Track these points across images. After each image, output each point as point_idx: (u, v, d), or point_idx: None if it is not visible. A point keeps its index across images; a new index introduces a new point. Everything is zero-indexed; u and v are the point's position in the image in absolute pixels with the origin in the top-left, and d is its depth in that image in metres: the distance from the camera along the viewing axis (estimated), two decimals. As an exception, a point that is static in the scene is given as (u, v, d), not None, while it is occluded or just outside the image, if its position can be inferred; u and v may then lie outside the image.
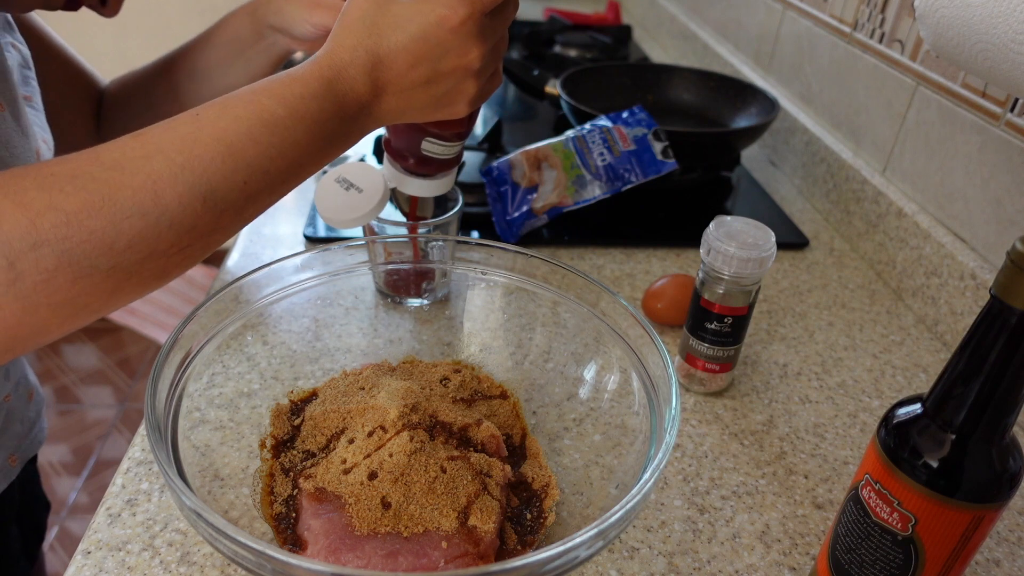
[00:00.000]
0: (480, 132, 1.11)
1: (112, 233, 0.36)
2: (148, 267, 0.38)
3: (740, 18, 1.26)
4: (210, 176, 0.39)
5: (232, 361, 0.51)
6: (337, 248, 0.56)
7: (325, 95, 0.43)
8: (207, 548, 0.48)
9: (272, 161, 0.41)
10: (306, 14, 0.62)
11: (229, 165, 0.39)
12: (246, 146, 0.40)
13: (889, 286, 0.82)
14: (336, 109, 0.43)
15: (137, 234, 0.37)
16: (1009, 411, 0.36)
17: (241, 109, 0.41)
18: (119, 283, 0.38)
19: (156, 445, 0.39)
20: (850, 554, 0.43)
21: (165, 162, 0.38)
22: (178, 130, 0.39)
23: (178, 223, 0.38)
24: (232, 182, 0.40)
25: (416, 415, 0.48)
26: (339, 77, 0.44)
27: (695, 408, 0.63)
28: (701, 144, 0.92)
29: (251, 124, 0.40)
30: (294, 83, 0.42)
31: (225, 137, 0.39)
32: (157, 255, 0.38)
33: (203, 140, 0.39)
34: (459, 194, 0.70)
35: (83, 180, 0.36)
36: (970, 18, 0.53)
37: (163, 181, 0.37)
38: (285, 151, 0.41)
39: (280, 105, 0.41)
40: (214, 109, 0.41)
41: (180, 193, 0.38)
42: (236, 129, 0.40)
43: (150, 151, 0.38)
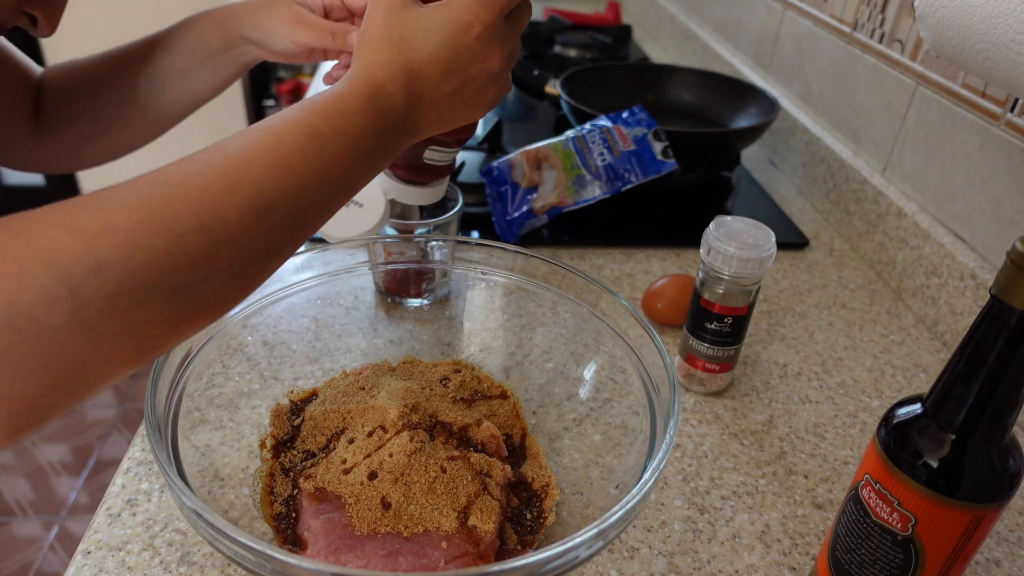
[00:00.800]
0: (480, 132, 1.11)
1: (173, 250, 0.34)
2: (208, 289, 0.36)
3: (740, 18, 1.26)
4: (263, 188, 0.38)
5: (232, 361, 0.51)
6: (337, 248, 0.56)
7: (366, 111, 0.43)
8: (207, 548, 0.48)
9: (319, 176, 0.40)
10: (287, 31, 0.62)
11: (283, 179, 0.38)
12: (295, 159, 0.39)
13: (889, 286, 0.82)
14: (376, 125, 0.43)
15: (197, 251, 0.35)
16: (1009, 411, 0.36)
17: (286, 125, 0.40)
18: (181, 308, 0.36)
19: (156, 445, 0.39)
20: (850, 554, 0.43)
21: (218, 175, 0.36)
22: (225, 148, 0.38)
23: (236, 239, 0.37)
24: (284, 196, 0.39)
25: (416, 415, 0.48)
26: (379, 95, 0.43)
27: (695, 408, 0.63)
28: (701, 144, 0.92)
29: (297, 137, 0.40)
30: (335, 101, 0.42)
31: (275, 149, 0.39)
32: (217, 275, 0.36)
33: (252, 154, 0.38)
34: (459, 194, 0.70)
35: (134, 198, 0.34)
36: (970, 18, 0.53)
37: (219, 195, 0.36)
38: (332, 165, 0.41)
39: (323, 121, 0.41)
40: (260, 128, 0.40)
41: (237, 206, 0.36)
42: (284, 142, 0.39)
43: (200, 167, 0.37)
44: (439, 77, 0.46)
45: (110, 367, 0.34)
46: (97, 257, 0.32)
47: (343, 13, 0.66)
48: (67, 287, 0.31)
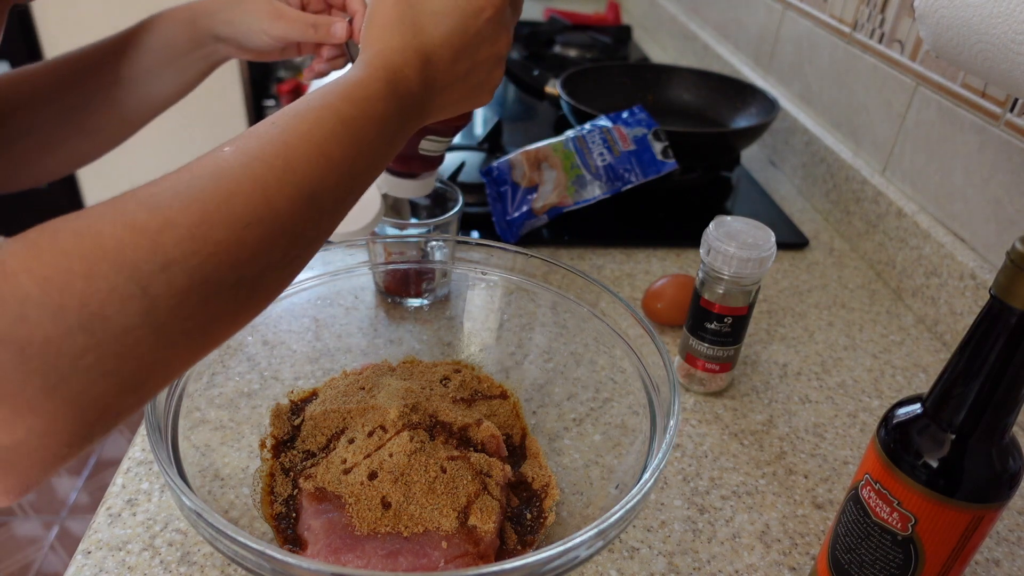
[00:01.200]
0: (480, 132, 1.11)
1: (236, 244, 0.34)
2: (266, 281, 0.36)
3: (740, 18, 1.26)
4: (310, 177, 0.37)
5: (232, 361, 0.51)
6: (337, 248, 0.56)
7: (388, 97, 0.42)
8: (207, 548, 0.48)
9: (353, 163, 0.40)
10: (266, 26, 0.60)
11: (323, 165, 0.38)
12: (332, 146, 0.39)
13: (889, 286, 0.82)
14: (398, 110, 0.43)
15: (257, 243, 0.35)
16: (1009, 411, 0.36)
17: (317, 111, 0.40)
18: (242, 301, 0.36)
19: (156, 445, 0.39)
20: (850, 554, 0.43)
21: (266, 167, 0.36)
22: (263, 137, 0.37)
23: (290, 229, 0.36)
24: (327, 183, 0.38)
25: (416, 415, 0.48)
26: (397, 79, 0.43)
27: (695, 408, 0.63)
28: (701, 144, 0.92)
29: (332, 125, 0.39)
30: (358, 86, 0.42)
31: (313, 139, 0.38)
32: (273, 266, 0.36)
33: (293, 143, 0.37)
34: (459, 194, 0.70)
35: (190, 193, 0.33)
36: (970, 18, 0.53)
37: (271, 186, 0.36)
38: (363, 151, 0.41)
39: (352, 107, 0.41)
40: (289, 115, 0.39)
41: (289, 196, 0.36)
42: (320, 130, 0.39)
43: (246, 159, 0.36)
44: (451, 61, 0.45)
45: (177, 365, 0.34)
46: (164, 254, 0.31)
47: (321, 5, 0.65)
48: (138, 285, 0.30)
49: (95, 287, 0.29)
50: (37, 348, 0.28)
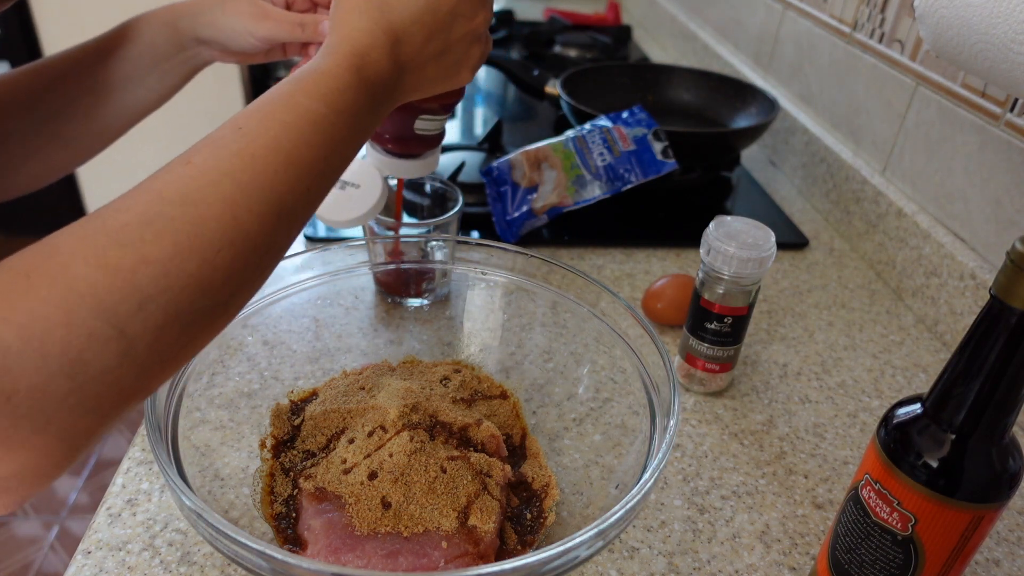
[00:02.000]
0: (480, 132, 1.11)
1: (208, 272, 0.34)
2: (240, 296, 0.37)
3: (740, 18, 1.26)
4: (279, 190, 0.37)
5: (232, 361, 0.51)
6: (337, 248, 0.56)
7: (357, 85, 0.42)
8: (207, 548, 0.48)
9: (326, 161, 0.40)
10: (251, 27, 0.59)
11: (292, 175, 0.38)
12: (302, 151, 0.38)
13: (889, 286, 0.82)
14: (368, 95, 0.42)
15: (229, 266, 0.35)
16: (1009, 411, 0.36)
17: (284, 114, 0.39)
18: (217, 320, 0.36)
19: (156, 445, 0.39)
20: (850, 554, 0.43)
21: (234, 185, 0.35)
22: (229, 148, 0.37)
23: (261, 245, 0.36)
24: (298, 191, 0.38)
25: (416, 415, 0.48)
26: (365, 63, 0.42)
27: (695, 408, 0.63)
28: (701, 144, 0.92)
29: (301, 128, 0.39)
30: (327, 78, 0.41)
31: (281, 146, 0.38)
32: (247, 282, 0.37)
33: (260, 154, 0.37)
34: (459, 194, 0.70)
35: (160, 223, 0.33)
36: (970, 18, 0.53)
37: (240, 205, 0.35)
38: (335, 147, 0.40)
39: (320, 103, 0.40)
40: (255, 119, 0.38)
41: (259, 214, 0.36)
42: (288, 136, 0.38)
43: (214, 177, 0.35)
44: (423, 40, 0.45)
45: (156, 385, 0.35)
46: (140, 292, 0.31)
47: (306, 4, 0.63)
48: (115, 328, 0.31)
49: (74, 334, 0.30)
50: (23, 396, 0.29)
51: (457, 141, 1.07)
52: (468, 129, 1.15)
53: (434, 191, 0.73)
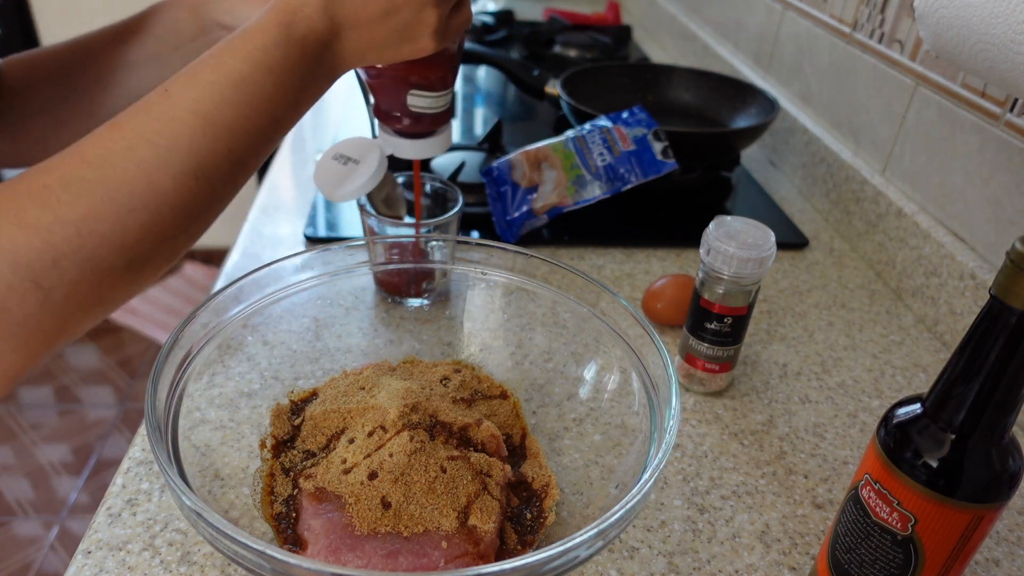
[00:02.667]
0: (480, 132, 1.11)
1: (121, 232, 0.37)
2: (160, 254, 0.39)
3: (740, 18, 1.26)
4: (196, 151, 0.39)
5: (232, 361, 0.51)
6: (337, 248, 0.56)
7: (286, 41, 0.42)
8: (207, 548, 0.48)
9: (250, 120, 0.41)
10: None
11: (211, 136, 0.39)
12: (222, 112, 0.40)
13: (889, 286, 0.82)
14: (300, 53, 0.43)
15: (144, 226, 0.37)
16: (1009, 411, 0.36)
17: (209, 74, 0.40)
18: (137, 274, 0.39)
19: (156, 445, 0.39)
20: (850, 554, 0.43)
21: (150, 148, 0.38)
22: (152, 111, 0.39)
23: (178, 205, 0.39)
24: (217, 152, 0.40)
25: (416, 415, 0.48)
26: (295, 20, 0.43)
27: (695, 408, 0.63)
28: (701, 144, 0.92)
29: (222, 88, 0.40)
30: (254, 35, 0.42)
31: (200, 108, 0.39)
32: (166, 240, 0.39)
33: (180, 116, 0.39)
34: (459, 194, 0.70)
35: (78, 185, 0.36)
36: (970, 18, 0.53)
37: (154, 168, 0.38)
38: (260, 107, 0.41)
39: (244, 62, 0.41)
40: (182, 81, 0.40)
41: (173, 176, 0.38)
42: (209, 96, 0.40)
43: (132, 140, 0.38)
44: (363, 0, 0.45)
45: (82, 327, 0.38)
46: (54, 250, 0.35)
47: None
48: (32, 281, 0.35)
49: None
50: None
51: (457, 141, 1.07)
52: (468, 129, 1.15)
53: (434, 191, 0.73)
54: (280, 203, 0.89)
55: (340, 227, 0.84)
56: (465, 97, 1.28)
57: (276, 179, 0.95)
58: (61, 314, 0.36)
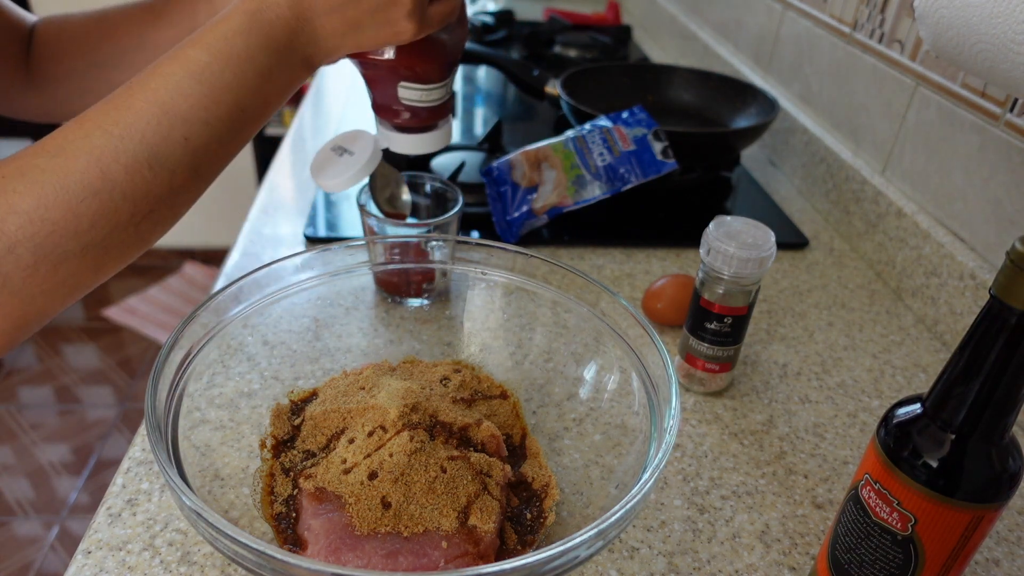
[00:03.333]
0: (480, 132, 1.11)
1: (72, 219, 0.38)
2: (120, 239, 0.40)
3: (740, 18, 1.26)
4: (148, 140, 0.39)
5: (232, 361, 0.51)
6: (337, 248, 0.56)
7: (249, 29, 0.43)
8: (207, 548, 0.48)
9: (208, 110, 0.41)
10: None
11: (165, 125, 0.40)
12: (177, 102, 0.40)
13: (889, 286, 0.82)
14: (265, 42, 0.43)
15: (96, 213, 0.38)
16: (1009, 411, 0.36)
17: (169, 65, 0.41)
18: (97, 259, 0.40)
19: (156, 445, 0.39)
20: (850, 554, 0.43)
21: (104, 136, 0.39)
22: (113, 102, 0.40)
23: (131, 193, 0.39)
24: (172, 141, 0.40)
25: (416, 415, 0.48)
26: (262, 6, 0.43)
27: (695, 408, 0.63)
28: (701, 144, 0.92)
29: (178, 79, 0.41)
30: (219, 24, 0.42)
31: (156, 98, 0.40)
32: (123, 226, 0.40)
33: (135, 106, 0.40)
34: (459, 194, 0.70)
35: (32, 174, 0.38)
36: (970, 18, 0.53)
37: (106, 156, 0.38)
38: (218, 97, 0.41)
39: (204, 51, 0.41)
40: (147, 73, 0.41)
41: (125, 164, 0.39)
42: (165, 87, 0.40)
43: (88, 129, 0.39)
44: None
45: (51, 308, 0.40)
46: (8, 238, 0.37)
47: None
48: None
49: None
50: None
51: (457, 141, 1.07)
52: (468, 129, 1.15)
53: (434, 191, 0.73)
54: (280, 203, 0.89)
55: (340, 227, 0.84)
56: (465, 97, 1.28)
57: (276, 179, 0.95)
58: (22, 296, 0.38)
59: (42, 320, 0.40)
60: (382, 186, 0.67)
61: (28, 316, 0.39)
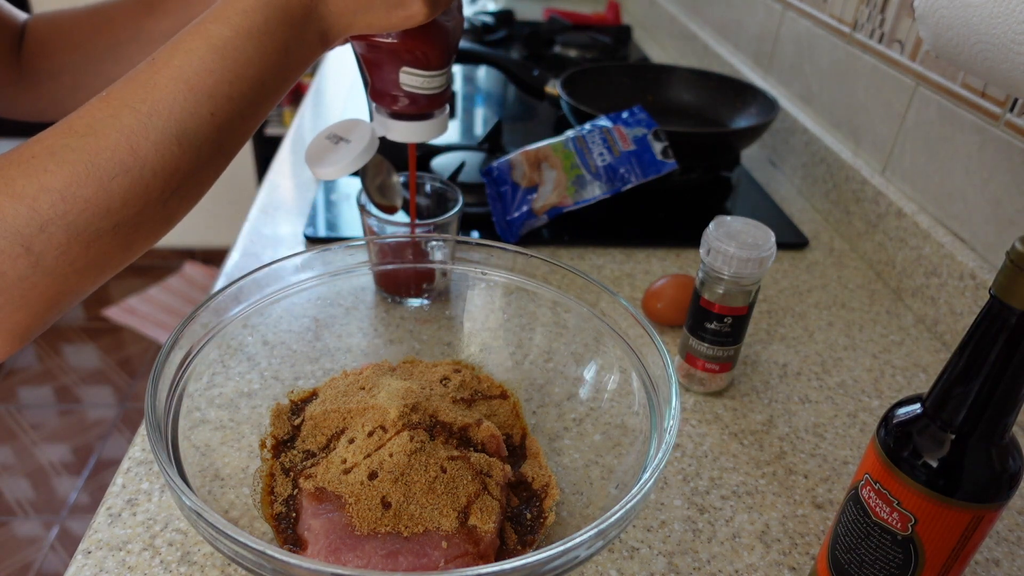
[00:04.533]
0: (480, 132, 1.11)
1: (104, 196, 0.38)
2: (150, 216, 0.40)
3: (740, 18, 1.26)
4: (177, 116, 0.40)
5: (232, 361, 0.51)
6: (337, 248, 0.56)
7: (267, 4, 0.43)
8: (207, 548, 0.48)
9: (232, 85, 0.42)
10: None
11: (191, 101, 0.40)
12: (203, 77, 0.41)
13: (889, 286, 0.82)
14: (282, 16, 0.43)
15: (127, 191, 0.39)
16: (1009, 411, 0.36)
17: (191, 41, 0.41)
18: (128, 236, 0.40)
19: (156, 445, 0.39)
20: (850, 554, 0.43)
21: (132, 114, 0.39)
22: (137, 79, 0.40)
23: (161, 169, 0.40)
24: (199, 116, 0.40)
25: (416, 415, 0.48)
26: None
27: (695, 408, 0.63)
28: (701, 144, 0.92)
29: (202, 54, 0.41)
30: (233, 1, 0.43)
31: (181, 74, 0.40)
32: (153, 204, 0.40)
33: (161, 83, 0.40)
34: (459, 194, 0.70)
35: (62, 153, 0.38)
36: (970, 18, 0.53)
37: (136, 134, 0.39)
38: (241, 72, 0.42)
39: (225, 26, 0.42)
40: (168, 49, 0.41)
41: (154, 141, 0.39)
42: (189, 63, 0.41)
43: (116, 108, 0.39)
44: None
45: (82, 288, 0.40)
46: (40, 216, 0.37)
47: None
48: (22, 246, 0.37)
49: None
50: None
51: (457, 141, 1.07)
52: (468, 129, 1.15)
53: (434, 191, 0.73)
54: (280, 203, 0.89)
55: (340, 227, 0.84)
56: (465, 97, 1.28)
57: (276, 179, 0.95)
58: (55, 275, 0.38)
59: (73, 300, 0.40)
60: (373, 175, 0.67)
61: (60, 295, 0.39)
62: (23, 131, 2.34)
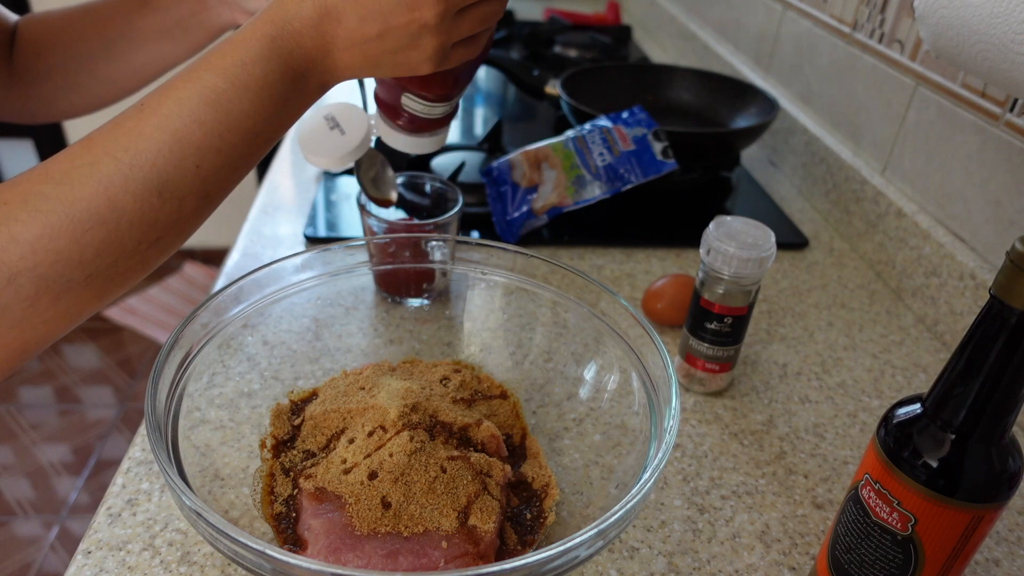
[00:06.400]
0: (480, 132, 1.11)
1: (77, 249, 0.36)
2: (124, 266, 0.39)
3: (740, 18, 1.26)
4: (160, 168, 0.38)
5: (232, 361, 0.51)
6: (337, 248, 0.56)
7: (269, 56, 0.41)
8: (207, 548, 0.48)
9: (222, 138, 0.40)
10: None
11: (176, 153, 0.38)
12: (191, 130, 0.39)
13: (889, 286, 0.82)
14: (283, 69, 0.42)
15: (101, 242, 0.37)
16: (1009, 411, 0.36)
17: (183, 89, 0.39)
18: (101, 287, 0.38)
19: (156, 445, 0.39)
20: (850, 554, 0.43)
21: (113, 164, 0.37)
22: (123, 126, 0.38)
23: (139, 221, 0.38)
24: (183, 169, 0.39)
25: (416, 415, 0.48)
26: (283, 33, 0.42)
27: (695, 408, 0.63)
28: (701, 144, 0.92)
29: (193, 105, 0.39)
30: (235, 49, 0.41)
31: (168, 125, 0.38)
32: (128, 254, 0.38)
33: (146, 133, 0.38)
34: (459, 194, 0.70)
35: (36, 202, 0.36)
36: (970, 18, 0.53)
37: (114, 185, 0.37)
38: (233, 125, 0.40)
39: (220, 78, 0.40)
40: (157, 95, 0.40)
41: (134, 193, 0.37)
42: (179, 113, 0.39)
43: (97, 155, 0.37)
44: (357, 19, 0.43)
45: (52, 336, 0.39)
46: (9, 268, 0.35)
47: None
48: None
49: None
50: None
51: (457, 141, 1.07)
52: (468, 129, 1.15)
53: (434, 191, 0.73)
54: (280, 203, 0.89)
55: (340, 227, 0.84)
56: (465, 97, 1.28)
57: (276, 179, 0.95)
58: (23, 326, 0.37)
59: (42, 347, 0.39)
60: (367, 167, 0.67)
61: (28, 346, 0.38)
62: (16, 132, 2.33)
